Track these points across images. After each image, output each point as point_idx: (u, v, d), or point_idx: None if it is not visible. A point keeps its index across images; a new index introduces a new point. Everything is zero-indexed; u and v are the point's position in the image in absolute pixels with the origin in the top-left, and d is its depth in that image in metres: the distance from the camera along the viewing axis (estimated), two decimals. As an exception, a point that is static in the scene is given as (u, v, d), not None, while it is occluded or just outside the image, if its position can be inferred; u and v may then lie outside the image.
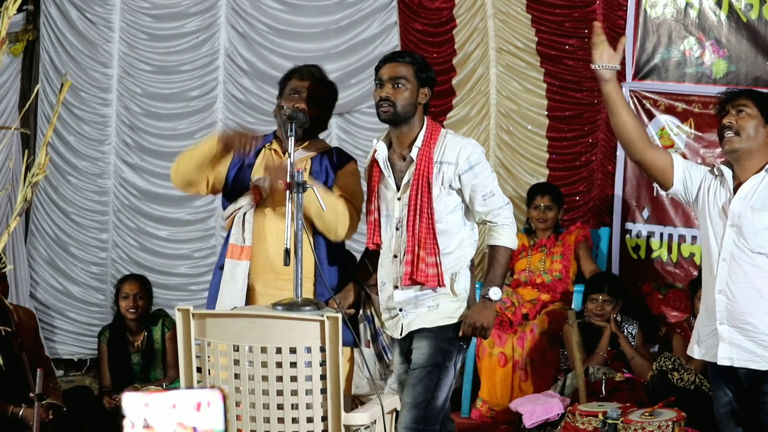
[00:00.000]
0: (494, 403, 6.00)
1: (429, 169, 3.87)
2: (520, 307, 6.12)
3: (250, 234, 4.09)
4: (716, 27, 6.09)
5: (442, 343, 3.90)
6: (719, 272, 3.77)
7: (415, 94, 3.92)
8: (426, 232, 3.86)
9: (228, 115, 7.40)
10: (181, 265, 7.51)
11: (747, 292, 3.73)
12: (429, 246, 3.86)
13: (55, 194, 7.63)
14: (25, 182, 2.75)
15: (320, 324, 3.36)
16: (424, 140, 3.91)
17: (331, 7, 7.24)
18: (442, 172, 3.88)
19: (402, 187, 3.94)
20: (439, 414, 3.88)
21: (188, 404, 1.99)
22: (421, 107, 3.97)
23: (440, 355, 3.89)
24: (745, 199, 3.76)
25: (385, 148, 3.99)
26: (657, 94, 6.31)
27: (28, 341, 5.72)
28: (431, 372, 3.86)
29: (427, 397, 3.83)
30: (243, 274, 4.08)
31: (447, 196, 3.90)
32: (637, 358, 5.69)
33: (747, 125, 3.78)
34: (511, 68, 6.79)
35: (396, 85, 3.91)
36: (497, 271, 3.93)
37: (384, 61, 4.00)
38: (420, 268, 3.86)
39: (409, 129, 3.95)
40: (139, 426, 1.98)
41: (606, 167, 6.52)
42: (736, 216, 3.76)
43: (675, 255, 6.27)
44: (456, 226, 3.94)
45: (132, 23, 7.53)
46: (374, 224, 3.99)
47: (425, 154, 3.89)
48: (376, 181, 3.99)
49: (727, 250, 3.76)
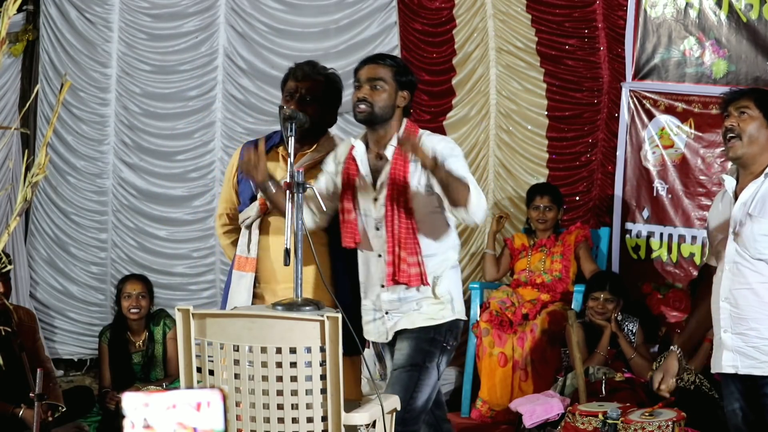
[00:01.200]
0: (494, 403, 6.00)
1: (405, 168, 3.83)
2: (520, 307, 6.12)
3: (256, 245, 4.09)
4: (716, 27, 6.09)
5: (423, 344, 3.86)
6: (723, 280, 3.78)
7: (393, 96, 3.87)
8: (406, 232, 3.81)
9: (227, 115, 7.40)
10: (181, 265, 7.51)
11: (749, 298, 3.73)
12: (410, 246, 3.81)
13: (54, 194, 7.63)
14: (25, 182, 2.74)
15: (320, 324, 3.36)
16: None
17: (330, 7, 7.24)
18: (418, 170, 3.82)
19: (378, 187, 3.89)
20: (419, 415, 3.86)
21: (188, 404, 1.99)
22: (400, 110, 3.91)
23: (420, 356, 3.85)
24: (745, 206, 3.77)
25: (363, 147, 3.95)
26: (657, 94, 6.30)
27: (28, 341, 5.72)
28: (410, 372, 3.83)
29: (405, 397, 3.79)
30: (248, 286, 4.09)
31: (426, 195, 3.84)
32: (637, 358, 5.69)
33: (748, 127, 3.78)
34: (511, 68, 6.79)
35: (374, 86, 3.86)
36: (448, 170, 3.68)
37: (363, 63, 3.95)
38: (402, 269, 3.81)
39: (386, 131, 3.89)
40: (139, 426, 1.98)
41: (606, 167, 6.52)
42: (737, 224, 3.77)
43: (675, 255, 6.27)
44: (437, 227, 3.89)
45: (131, 23, 7.52)
46: (353, 223, 3.93)
47: (400, 152, 3.83)
48: (353, 179, 3.93)
49: (730, 258, 3.77)
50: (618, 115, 6.43)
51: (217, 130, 7.44)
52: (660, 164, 6.31)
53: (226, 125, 7.38)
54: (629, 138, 6.40)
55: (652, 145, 6.32)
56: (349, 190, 3.94)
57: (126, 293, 6.19)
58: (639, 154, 6.38)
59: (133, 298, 6.15)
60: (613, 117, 6.47)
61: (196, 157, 7.50)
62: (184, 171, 7.47)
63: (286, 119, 3.84)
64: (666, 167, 6.29)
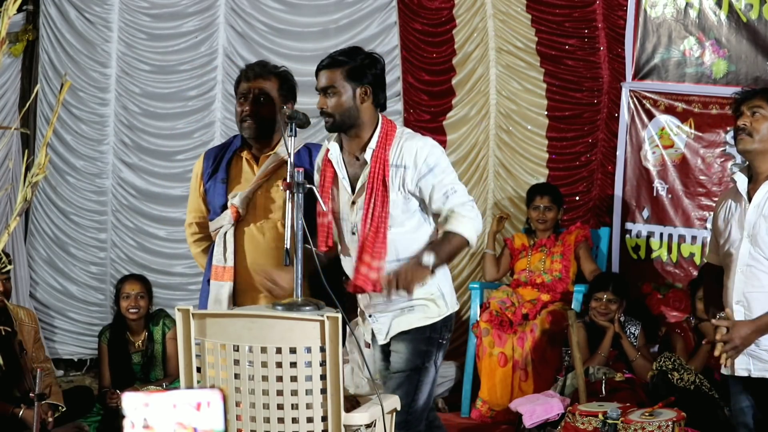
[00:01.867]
0: (494, 403, 6.00)
1: (385, 172, 3.70)
2: (520, 307, 6.12)
3: (232, 254, 4.04)
4: (716, 27, 6.09)
5: (420, 345, 3.80)
6: (736, 283, 3.77)
7: (350, 97, 3.70)
8: (374, 236, 3.70)
9: (226, 115, 7.40)
10: (180, 265, 7.51)
11: (762, 301, 3.73)
12: (377, 250, 3.70)
13: (54, 194, 7.63)
14: (25, 182, 2.74)
15: (320, 324, 3.35)
16: (378, 141, 3.72)
17: (330, 7, 7.24)
18: (399, 175, 3.71)
19: (357, 190, 3.78)
20: (422, 414, 3.84)
21: (188, 404, 1.99)
22: (369, 106, 3.74)
23: (419, 358, 3.80)
24: (758, 207, 3.77)
25: (337, 148, 3.81)
26: (657, 94, 6.30)
27: (29, 341, 5.72)
28: (410, 376, 3.79)
29: (407, 401, 3.76)
30: (226, 295, 4.05)
31: (405, 201, 3.73)
32: (639, 360, 5.69)
33: (761, 127, 3.79)
34: (511, 68, 6.79)
35: (327, 94, 3.70)
36: (444, 248, 3.65)
37: (316, 71, 3.76)
38: (362, 272, 3.70)
39: (359, 131, 3.75)
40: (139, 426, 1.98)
41: (606, 167, 6.52)
42: (752, 226, 3.76)
43: (675, 255, 6.27)
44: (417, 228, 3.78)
45: (130, 23, 7.52)
46: (327, 227, 3.84)
47: (380, 156, 3.70)
48: (330, 183, 3.83)
49: (743, 261, 3.77)
50: (618, 115, 6.43)
51: (217, 130, 7.44)
52: (660, 164, 6.31)
53: (226, 125, 7.38)
54: (629, 138, 6.40)
55: (652, 145, 6.32)
56: (326, 194, 3.82)
57: (125, 293, 6.18)
58: (639, 154, 6.38)
59: (131, 298, 6.15)
60: (613, 117, 6.47)
61: (195, 157, 7.46)
62: (183, 171, 7.46)
63: (288, 119, 3.82)
64: (666, 167, 6.29)
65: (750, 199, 3.82)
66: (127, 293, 6.17)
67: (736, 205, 3.87)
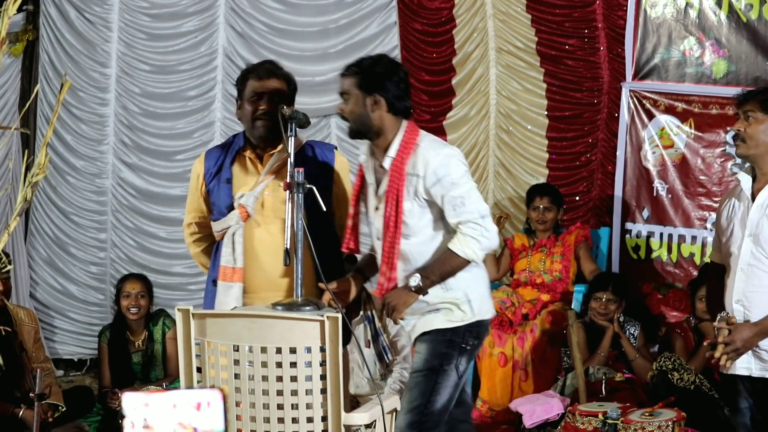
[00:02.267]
0: (494, 403, 6.00)
1: (401, 182, 3.74)
2: (520, 307, 6.12)
3: (241, 255, 4.01)
4: (716, 27, 6.09)
5: (440, 346, 3.80)
6: (737, 282, 3.77)
7: (360, 104, 3.75)
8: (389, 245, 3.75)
9: (226, 115, 7.40)
10: (180, 265, 7.51)
11: (762, 301, 3.73)
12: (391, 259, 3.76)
13: (54, 194, 7.63)
14: (25, 182, 2.74)
15: (320, 324, 3.36)
16: (398, 150, 3.76)
17: (330, 7, 7.24)
18: (413, 184, 3.74)
19: (379, 197, 3.83)
20: (439, 417, 3.79)
21: (188, 404, 1.99)
22: (384, 115, 3.77)
23: (437, 359, 3.80)
24: (762, 207, 3.77)
25: (368, 153, 3.89)
26: (657, 94, 6.30)
27: (29, 341, 5.72)
28: (428, 376, 3.78)
29: (423, 402, 3.75)
30: (236, 296, 4.02)
31: (421, 210, 3.76)
32: (639, 360, 5.69)
33: (754, 131, 3.80)
34: (511, 68, 6.79)
35: (345, 100, 3.81)
36: (435, 268, 3.73)
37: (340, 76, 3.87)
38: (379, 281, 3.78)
39: (379, 139, 3.80)
40: (139, 426, 1.98)
41: (606, 167, 6.52)
42: (755, 225, 3.76)
43: (675, 255, 6.27)
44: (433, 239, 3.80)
45: (130, 23, 7.52)
46: (352, 229, 3.91)
47: (398, 165, 3.75)
48: (358, 187, 3.92)
49: (744, 260, 3.77)
50: (618, 115, 6.43)
51: (217, 129, 7.44)
52: (660, 164, 6.31)
53: (226, 125, 7.38)
54: (629, 138, 6.40)
55: (652, 145, 6.32)
56: (355, 197, 3.93)
57: (125, 292, 6.18)
58: (639, 154, 6.38)
59: (132, 298, 6.15)
60: (613, 117, 6.47)
61: (195, 157, 7.41)
62: (183, 171, 7.45)
63: (288, 119, 3.81)
64: (666, 167, 6.29)
65: (754, 198, 3.82)
66: (127, 292, 6.17)
67: (739, 204, 3.87)
